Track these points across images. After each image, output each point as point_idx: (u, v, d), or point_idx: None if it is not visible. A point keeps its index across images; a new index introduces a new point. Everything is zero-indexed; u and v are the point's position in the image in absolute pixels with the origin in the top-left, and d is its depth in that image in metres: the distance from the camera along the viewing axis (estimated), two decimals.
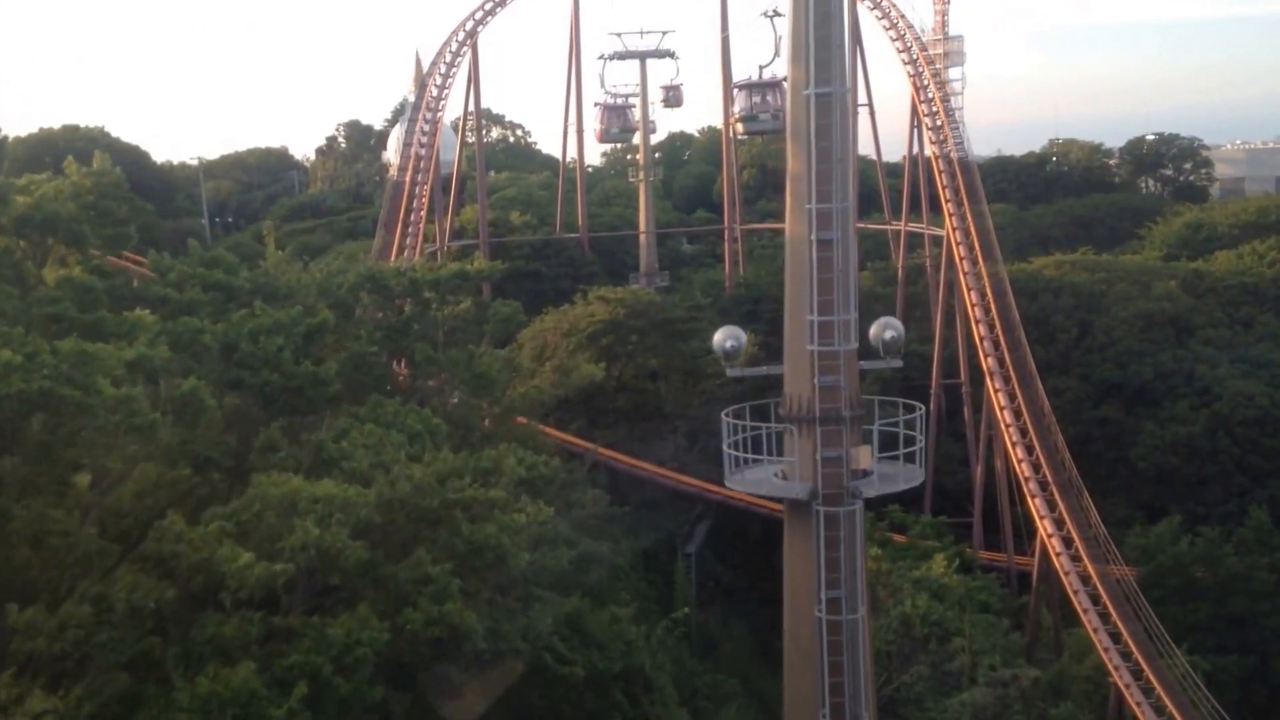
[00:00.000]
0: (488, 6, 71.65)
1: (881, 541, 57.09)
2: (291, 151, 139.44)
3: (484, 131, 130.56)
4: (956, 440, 66.77)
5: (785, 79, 34.00)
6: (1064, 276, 72.69)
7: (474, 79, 72.84)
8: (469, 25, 71.67)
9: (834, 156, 22.20)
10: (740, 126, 38.11)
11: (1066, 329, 68.22)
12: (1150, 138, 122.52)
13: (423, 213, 63.21)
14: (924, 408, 24.94)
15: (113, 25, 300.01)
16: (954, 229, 62.40)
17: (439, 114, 67.88)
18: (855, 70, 72.81)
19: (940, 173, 64.61)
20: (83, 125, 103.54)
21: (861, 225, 77.25)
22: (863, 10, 70.90)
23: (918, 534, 58.38)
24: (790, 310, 23.74)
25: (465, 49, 71.45)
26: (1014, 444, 54.00)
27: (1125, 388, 65.96)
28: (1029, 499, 52.05)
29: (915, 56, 67.91)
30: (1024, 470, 52.83)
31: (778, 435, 25.07)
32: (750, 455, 24.96)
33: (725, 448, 24.75)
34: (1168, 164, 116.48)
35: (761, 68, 33.44)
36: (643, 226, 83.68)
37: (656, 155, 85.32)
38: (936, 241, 69.35)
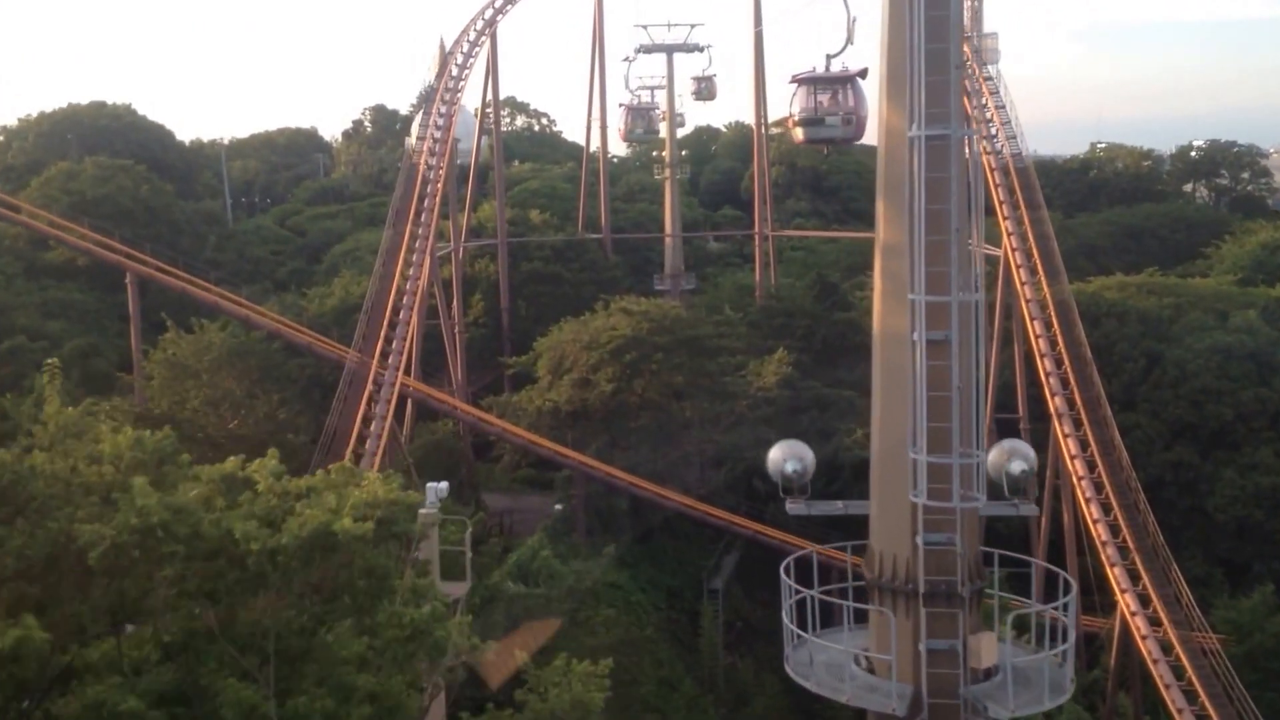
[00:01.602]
0: None
1: None
2: (321, 133, 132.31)
3: (509, 120, 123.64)
4: None
5: (859, 74, 26.90)
6: (1128, 300, 64.27)
7: (492, 70, 65.54)
8: (488, 14, 64.12)
9: (950, 224, 14.74)
10: (800, 132, 30.02)
11: (1133, 359, 59.72)
12: (1198, 143, 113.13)
13: (435, 212, 55.61)
14: (1075, 584, 17.15)
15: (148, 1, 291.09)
16: (1013, 248, 54.28)
17: (454, 106, 60.29)
18: None
19: (996, 185, 56.30)
20: (110, 102, 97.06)
21: None
22: None
23: None
24: (880, 435, 16.25)
25: (484, 38, 63.97)
26: (1087, 499, 45.97)
27: (1201, 429, 57.26)
28: (1107, 567, 43.88)
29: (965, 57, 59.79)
30: (1100, 532, 44.78)
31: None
32: (815, 634, 17.19)
33: (784, 617, 17.18)
34: (1223, 172, 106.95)
35: (830, 57, 25.83)
36: (668, 228, 76.01)
37: (683, 153, 77.52)
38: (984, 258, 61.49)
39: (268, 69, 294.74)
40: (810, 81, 26.85)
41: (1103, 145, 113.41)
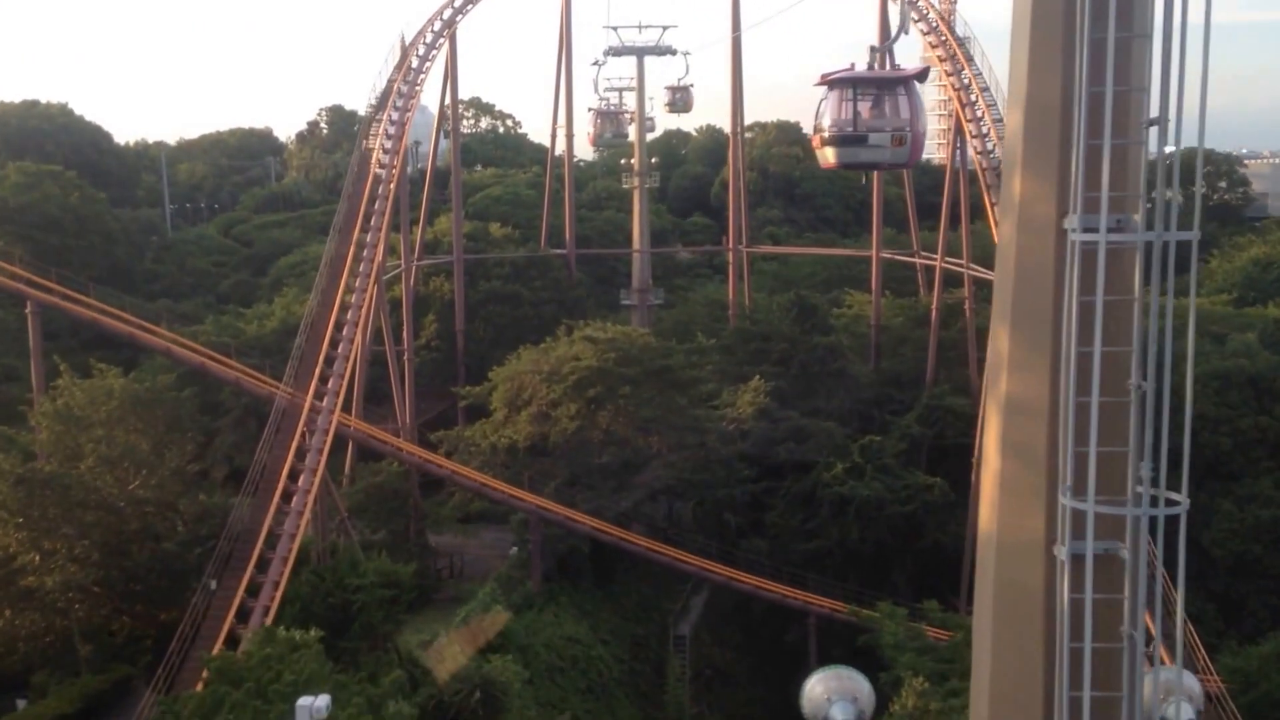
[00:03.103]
0: None
1: (921, 648, 44.09)
2: (276, 133, 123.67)
3: (473, 122, 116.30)
4: None
5: (917, 75, 19.97)
6: None
7: (451, 73, 58.69)
8: (446, 14, 57.32)
9: (1132, 378, 8.64)
10: (831, 153, 22.14)
11: None
12: (1169, 149, 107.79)
13: (384, 231, 48.67)
14: None
15: None
16: None
17: (408, 114, 53.32)
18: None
19: (988, 187, 50.35)
20: (44, 101, 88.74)
21: (888, 255, 63.94)
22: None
23: (962, 639, 45.12)
24: (992, 702, 9.99)
25: (442, 40, 57.13)
26: None
27: (1197, 459, 52.19)
28: None
29: (953, 52, 54.13)
30: None
31: None
32: None
33: None
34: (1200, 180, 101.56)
35: (875, 50, 18.89)
36: (636, 240, 69.39)
37: (653, 160, 70.92)
38: (975, 280, 55.95)
39: (226, 65, 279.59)
40: (847, 84, 19.46)
41: None
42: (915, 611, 46.85)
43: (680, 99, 66.78)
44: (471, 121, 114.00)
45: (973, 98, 53.08)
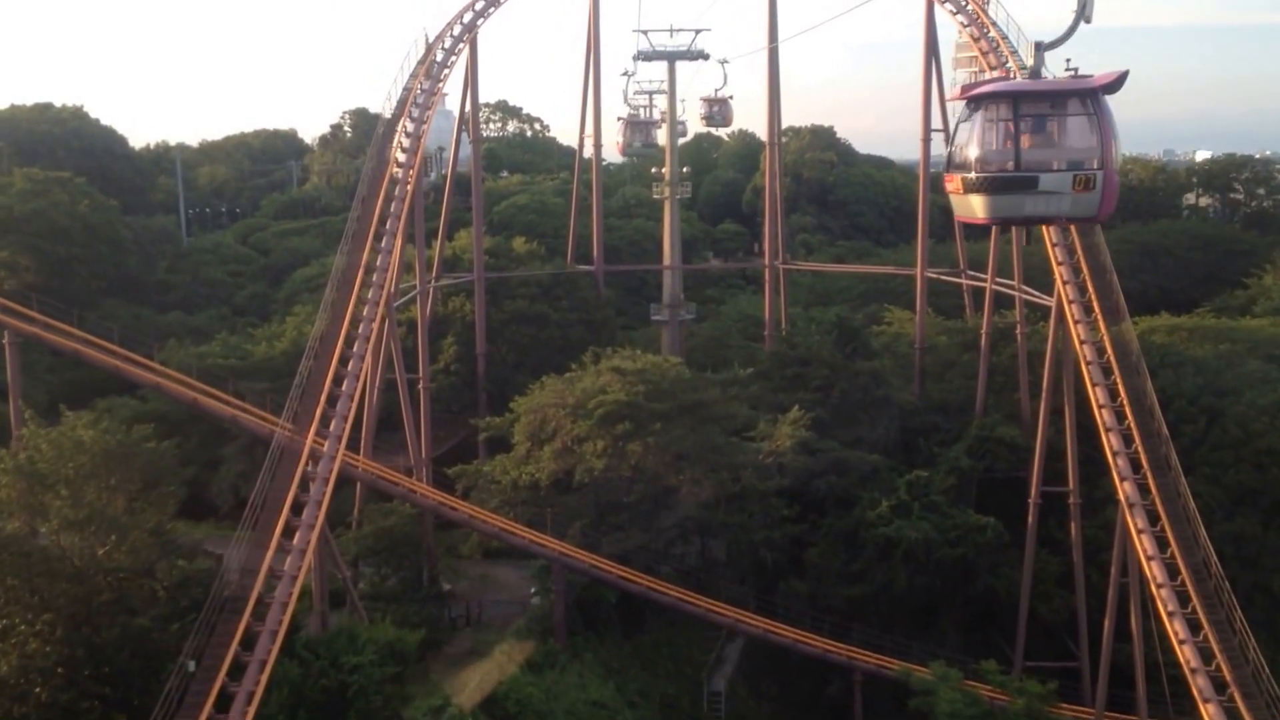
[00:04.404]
0: None
1: (978, 716, 38.82)
2: (301, 134, 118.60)
3: (499, 126, 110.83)
4: (1055, 552, 47.76)
5: (1106, 86, 12.68)
6: (1180, 346, 53.00)
7: (471, 79, 53.28)
8: (466, 18, 51.87)
9: None
10: (979, 204, 13.75)
11: (1191, 418, 48.31)
12: (1203, 154, 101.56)
13: (396, 252, 43.22)
14: None
15: None
16: (1064, 281, 42.86)
17: (424, 123, 47.83)
18: (931, 83, 53.64)
19: None
20: (58, 104, 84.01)
21: (933, 275, 58.09)
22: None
23: (1023, 710, 39.62)
24: None
25: (462, 45, 51.70)
26: (1159, 585, 35.08)
27: (1264, 496, 46.43)
28: (1187, 672, 32.96)
29: (1005, 59, 48.07)
30: (1177, 629, 33.78)
31: None
32: None
33: None
34: (1237, 187, 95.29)
35: (1041, 49, 13.44)
36: (668, 256, 63.69)
37: (685, 169, 65.14)
38: (1027, 303, 50.19)
39: (253, 64, 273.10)
40: (1004, 99, 12.22)
41: None
42: (970, 670, 41.48)
43: (719, 113, 60.40)
44: (499, 125, 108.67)
45: None
